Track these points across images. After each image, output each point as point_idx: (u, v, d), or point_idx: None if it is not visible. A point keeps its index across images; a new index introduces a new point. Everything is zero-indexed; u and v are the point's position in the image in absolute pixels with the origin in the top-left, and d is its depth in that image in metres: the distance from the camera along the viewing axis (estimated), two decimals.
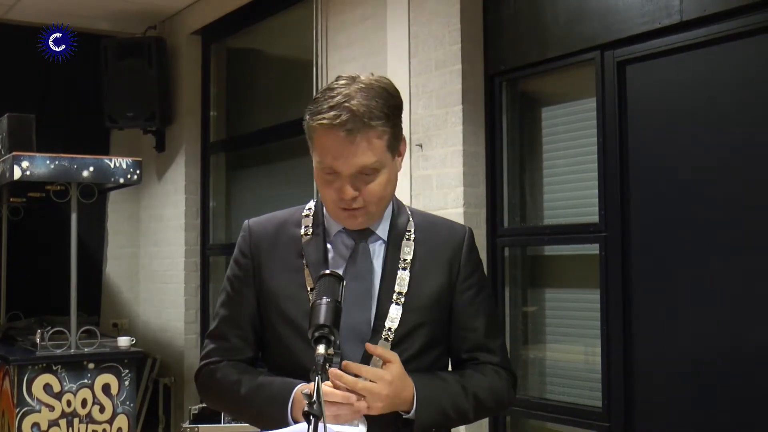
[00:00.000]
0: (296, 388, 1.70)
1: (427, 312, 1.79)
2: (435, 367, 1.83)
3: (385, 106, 1.71)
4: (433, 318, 1.81)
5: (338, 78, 1.73)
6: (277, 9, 5.27)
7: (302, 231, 1.84)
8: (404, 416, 1.71)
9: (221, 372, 1.83)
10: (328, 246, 1.82)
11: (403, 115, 1.79)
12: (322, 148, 1.70)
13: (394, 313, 1.77)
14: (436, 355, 1.84)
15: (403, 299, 1.78)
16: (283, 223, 1.87)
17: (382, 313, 1.77)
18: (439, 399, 1.75)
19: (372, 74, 1.77)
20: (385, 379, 1.66)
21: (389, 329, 1.76)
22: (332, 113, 1.66)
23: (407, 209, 1.89)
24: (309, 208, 1.88)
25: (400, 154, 1.80)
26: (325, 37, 4.63)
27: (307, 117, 1.72)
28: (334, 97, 1.68)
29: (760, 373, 2.83)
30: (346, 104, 1.66)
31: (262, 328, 1.85)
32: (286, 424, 1.67)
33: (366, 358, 1.73)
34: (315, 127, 1.69)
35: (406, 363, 1.75)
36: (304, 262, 1.80)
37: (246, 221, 1.91)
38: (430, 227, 1.88)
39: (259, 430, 1.78)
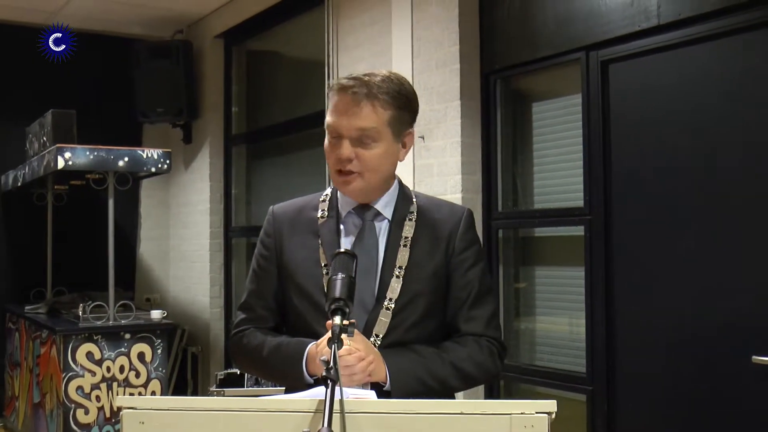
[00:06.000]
0: (308, 346, 1.73)
1: (425, 283, 1.80)
2: (435, 336, 1.82)
3: (397, 92, 1.76)
4: (431, 289, 1.80)
5: None
6: (292, 14, 5.28)
7: (319, 214, 1.87)
8: (384, 388, 1.69)
9: (247, 338, 1.87)
10: (341, 227, 1.84)
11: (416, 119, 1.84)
12: (332, 109, 1.75)
13: (395, 285, 1.78)
14: (435, 325, 1.83)
15: (402, 272, 1.78)
16: (302, 207, 1.90)
17: (384, 285, 1.78)
18: (413, 368, 1.72)
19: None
20: (360, 344, 1.67)
21: (390, 299, 1.77)
22: (348, 80, 1.75)
23: (414, 194, 1.90)
24: (326, 194, 1.91)
25: (405, 146, 1.83)
26: (336, 40, 4.62)
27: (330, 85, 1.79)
28: (358, 73, 1.77)
29: (726, 341, 2.85)
30: (363, 77, 1.74)
31: (282, 300, 1.87)
32: (302, 379, 1.72)
33: (369, 326, 1.76)
34: (332, 90, 1.76)
35: (408, 330, 1.77)
36: (319, 241, 1.83)
37: (271, 207, 1.94)
38: (432, 209, 1.88)
39: (283, 388, 1.82)
